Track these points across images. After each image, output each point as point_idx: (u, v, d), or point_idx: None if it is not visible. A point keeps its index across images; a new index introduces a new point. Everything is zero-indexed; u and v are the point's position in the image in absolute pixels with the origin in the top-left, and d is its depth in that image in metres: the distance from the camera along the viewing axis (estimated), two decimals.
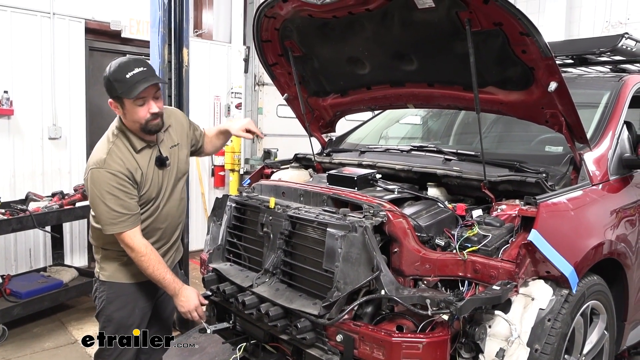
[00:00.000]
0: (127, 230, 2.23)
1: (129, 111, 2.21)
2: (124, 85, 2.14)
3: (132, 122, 2.25)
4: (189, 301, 2.36)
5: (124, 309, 2.39)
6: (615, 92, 2.87)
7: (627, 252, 2.47)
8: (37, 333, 4.02)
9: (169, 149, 2.43)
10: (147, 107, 2.21)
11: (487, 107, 2.53)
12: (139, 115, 2.21)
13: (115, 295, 2.38)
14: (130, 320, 2.39)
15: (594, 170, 2.46)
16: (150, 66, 2.24)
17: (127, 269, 2.38)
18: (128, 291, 2.39)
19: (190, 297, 2.36)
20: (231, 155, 6.16)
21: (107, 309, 2.38)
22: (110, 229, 2.22)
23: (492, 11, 2.03)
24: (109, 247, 2.38)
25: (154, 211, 2.38)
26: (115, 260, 2.39)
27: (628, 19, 6.81)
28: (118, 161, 2.22)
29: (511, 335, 1.85)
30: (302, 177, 3.16)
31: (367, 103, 3.13)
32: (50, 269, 4.59)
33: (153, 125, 2.26)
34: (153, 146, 2.36)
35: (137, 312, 2.41)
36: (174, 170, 2.45)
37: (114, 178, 2.19)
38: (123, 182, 2.21)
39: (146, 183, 2.31)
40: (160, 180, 2.38)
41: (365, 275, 2.00)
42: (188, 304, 2.36)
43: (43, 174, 5.13)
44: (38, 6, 4.99)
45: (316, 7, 2.40)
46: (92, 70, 5.61)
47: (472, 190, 2.44)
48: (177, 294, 2.34)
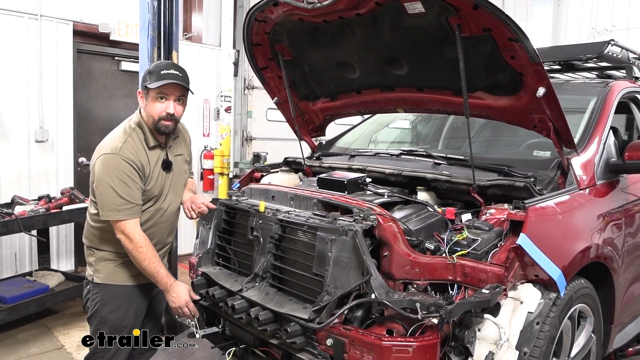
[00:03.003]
0: (129, 219, 2.24)
1: (150, 104, 2.32)
2: (154, 77, 2.28)
3: (148, 115, 2.33)
4: (180, 297, 2.37)
5: (119, 310, 2.38)
6: (601, 97, 2.91)
7: (614, 256, 2.50)
8: (23, 339, 3.96)
9: (174, 156, 2.50)
10: (165, 104, 2.31)
11: (476, 112, 2.55)
12: (156, 110, 2.30)
13: (109, 297, 2.37)
14: (124, 322, 2.39)
15: (581, 175, 2.49)
16: (186, 73, 2.36)
17: (122, 271, 2.38)
18: (122, 293, 2.39)
19: (181, 293, 2.38)
20: (220, 159, 6.13)
21: (102, 310, 2.37)
22: (112, 215, 2.24)
23: (481, 17, 2.05)
24: (105, 248, 2.38)
25: (156, 212, 2.42)
26: (110, 262, 2.38)
27: (613, 26, 6.92)
28: (132, 151, 2.29)
29: (500, 338, 1.86)
30: (292, 181, 3.16)
31: (357, 107, 3.14)
32: (36, 274, 4.53)
33: (164, 125, 2.32)
34: (163, 148, 2.43)
35: (131, 314, 2.41)
36: (175, 177, 2.50)
37: (127, 166, 2.24)
38: (134, 172, 2.26)
39: (151, 180, 2.35)
40: (163, 182, 2.42)
41: (355, 279, 2.00)
42: (179, 299, 2.37)
43: (29, 177, 5.06)
44: (25, 8, 4.94)
45: (307, 11, 2.41)
46: (80, 72, 5.57)
47: (461, 195, 2.46)
48: (168, 289, 2.35)
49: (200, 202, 2.58)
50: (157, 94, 2.29)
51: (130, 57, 5.78)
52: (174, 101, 2.32)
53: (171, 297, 2.37)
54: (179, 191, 2.55)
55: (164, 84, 2.26)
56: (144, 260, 2.27)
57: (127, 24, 5.60)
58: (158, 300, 2.59)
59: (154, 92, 2.29)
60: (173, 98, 2.32)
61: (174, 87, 2.30)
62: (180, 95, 2.34)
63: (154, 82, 2.26)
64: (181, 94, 2.34)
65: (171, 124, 2.34)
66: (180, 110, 2.37)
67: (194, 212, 2.58)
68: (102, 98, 5.85)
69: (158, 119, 2.31)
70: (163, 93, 2.29)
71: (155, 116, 2.31)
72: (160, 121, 2.31)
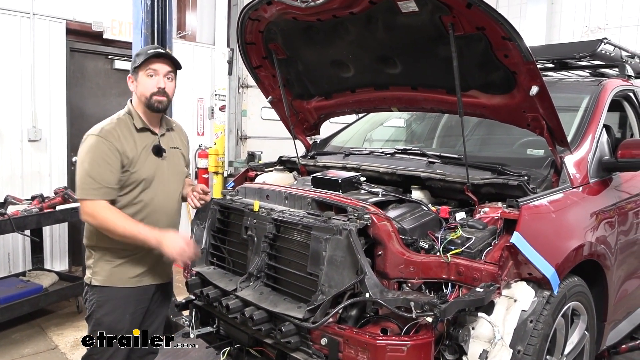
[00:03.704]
0: (92, 199, 2.21)
1: (140, 83, 2.34)
2: (142, 57, 2.33)
3: (140, 95, 2.35)
4: (175, 243, 2.24)
5: (114, 313, 2.35)
6: (594, 96, 2.92)
7: (607, 254, 2.51)
8: (16, 339, 3.94)
9: (169, 147, 2.48)
10: (156, 79, 2.33)
11: (470, 111, 2.55)
12: (147, 87, 2.33)
13: (105, 300, 2.35)
14: (119, 325, 2.35)
15: (575, 173, 2.50)
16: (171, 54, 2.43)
17: (120, 273, 2.35)
18: (118, 295, 2.35)
19: (175, 240, 2.25)
20: (215, 158, 6.11)
21: (97, 312, 2.35)
22: (79, 193, 2.25)
23: (474, 15, 2.05)
24: (102, 244, 2.34)
25: (150, 201, 2.36)
26: (108, 264, 2.34)
27: (607, 24, 6.95)
28: (115, 135, 2.28)
29: (494, 336, 1.86)
30: (286, 180, 3.15)
31: (352, 106, 3.14)
32: (29, 274, 4.51)
33: (157, 100, 2.34)
34: (154, 134, 2.42)
35: (127, 317, 2.37)
36: (171, 167, 2.46)
37: (103, 146, 2.24)
38: (109, 154, 2.24)
39: (137, 163, 2.32)
40: (155, 167, 2.38)
41: (349, 278, 2.00)
42: (175, 245, 2.23)
43: (22, 176, 5.04)
44: (17, 6, 4.91)
45: (300, 10, 2.40)
46: (73, 71, 5.54)
47: (455, 193, 2.46)
48: (160, 241, 2.23)
49: (200, 188, 2.56)
50: (146, 72, 2.32)
51: (124, 55, 5.76)
52: (163, 77, 2.35)
53: (167, 249, 2.23)
54: (174, 184, 2.48)
55: (151, 56, 2.31)
56: (117, 228, 2.20)
57: (120, 22, 5.58)
58: (158, 306, 2.54)
59: (143, 70, 2.32)
60: (162, 74, 2.34)
61: (162, 62, 2.34)
62: (168, 71, 2.37)
63: (142, 61, 2.31)
64: (170, 69, 2.37)
65: (164, 99, 2.35)
66: (171, 86, 2.39)
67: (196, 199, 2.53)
68: (95, 97, 5.83)
69: (150, 95, 2.32)
70: (152, 69, 2.32)
71: (148, 93, 2.32)
72: (153, 97, 2.33)
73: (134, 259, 2.36)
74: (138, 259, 2.36)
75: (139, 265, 2.37)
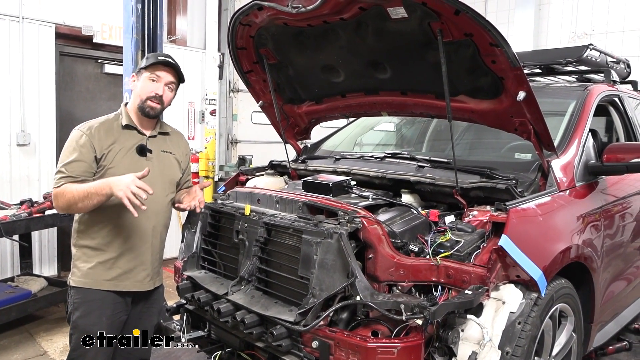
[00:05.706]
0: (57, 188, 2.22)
1: (141, 84, 2.37)
2: (150, 60, 2.36)
3: (136, 96, 2.37)
4: (122, 180, 2.12)
5: (89, 316, 2.31)
6: (580, 101, 2.97)
7: (593, 256, 2.55)
8: (4, 345, 3.90)
9: (159, 150, 2.45)
10: (156, 86, 2.34)
11: (459, 115, 2.58)
12: (145, 90, 2.34)
13: (80, 302, 2.32)
14: (95, 328, 2.30)
15: (561, 177, 2.53)
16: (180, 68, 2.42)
17: (94, 274, 2.31)
18: (93, 298, 2.31)
19: (121, 179, 2.13)
20: (205, 162, 6.11)
21: (73, 314, 2.33)
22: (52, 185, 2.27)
23: (462, 22, 2.08)
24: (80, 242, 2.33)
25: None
26: (85, 264, 2.32)
27: (593, 30, 7.06)
28: (96, 129, 2.30)
29: (483, 338, 1.88)
30: (277, 184, 3.16)
31: (342, 110, 3.16)
32: (18, 279, 4.46)
33: (149, 105, 2.34)
34: (141, 133, 2.40)
35: (104, 321, 2.32)
36: (159, 169, 2.41)
37: (80, 138, 2.26)
38: (84, 146, 2.25)
39: (114, 159, 2.30)
40: (136, 166, 2.28)
41: (340, 281, 2.02)
42: (121, 182, 2.11)
43: (11, 181, 5.00)
44: (6, 10, 4.88)
45: (291, 15, 2.42)
46: (63, 75, 5.51)
47: (445, 197, 2.49)
48: (109, 184, 2.15)
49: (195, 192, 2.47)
50: (150, 75, 2.34)
51: (114, 59, 5.74)
52: (164, 85, 2.36)
53: (117, 190, 2.10)
54: (159, 185, 2.39)
55: (159, 62, 2.34)
56: (74, 194, 2.16)
57: (110, 26, 5.56)
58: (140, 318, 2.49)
59: (147, 73, 2.34)
60: (165, 82, 2.36)
61: (168, 71, 2.36)
62: (171, 81, 2.38)
63: (148, 63, 2.34)
64: (173, 80, 2.39)
65: (157, 107, 2.35)
66: (169, 96, 2.40)
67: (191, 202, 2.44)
68: (85, 101, 5.80)
69: (145, 98, 2.33)
70: (156, 75, 2.34)
71: (144, 96, 2.33)
72: (147, 101, 2.33)
73: (110, 261, 2.31)
74: (113, 261, 2.32)
75: (114, 268, 2.32)
